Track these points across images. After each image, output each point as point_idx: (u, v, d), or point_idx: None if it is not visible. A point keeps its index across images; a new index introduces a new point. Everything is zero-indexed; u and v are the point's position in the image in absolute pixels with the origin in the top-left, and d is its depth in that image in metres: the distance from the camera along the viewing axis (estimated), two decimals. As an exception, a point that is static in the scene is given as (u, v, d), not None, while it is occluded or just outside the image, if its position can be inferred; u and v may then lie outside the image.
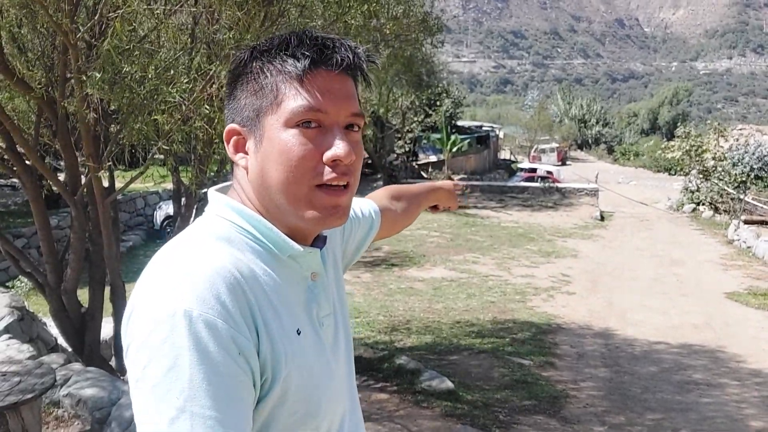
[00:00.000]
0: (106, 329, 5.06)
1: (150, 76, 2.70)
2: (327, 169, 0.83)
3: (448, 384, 5.20)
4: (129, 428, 3.46)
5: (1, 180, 14.99)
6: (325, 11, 3.09)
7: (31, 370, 3.41)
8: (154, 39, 3.38)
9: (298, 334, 0.84)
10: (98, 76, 2.52)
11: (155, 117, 2.74)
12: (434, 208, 1.62)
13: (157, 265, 0.79)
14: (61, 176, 4.65)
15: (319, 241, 0.94)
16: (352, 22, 3.20)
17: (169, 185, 5.29)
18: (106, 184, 4.45)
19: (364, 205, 1.27)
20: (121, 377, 4.89)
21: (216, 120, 3.06)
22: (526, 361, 6.51)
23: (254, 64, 0.85)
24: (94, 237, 4.43)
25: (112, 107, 3.45)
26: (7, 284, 8.21)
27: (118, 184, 5.00)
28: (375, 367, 5.56)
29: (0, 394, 3.13)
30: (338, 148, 0.82)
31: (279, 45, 0.84)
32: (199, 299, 0.72)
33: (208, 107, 2.93)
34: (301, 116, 0.81)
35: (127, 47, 2.72)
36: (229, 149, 0.88)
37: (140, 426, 0.70)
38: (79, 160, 3.84)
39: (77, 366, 4.15)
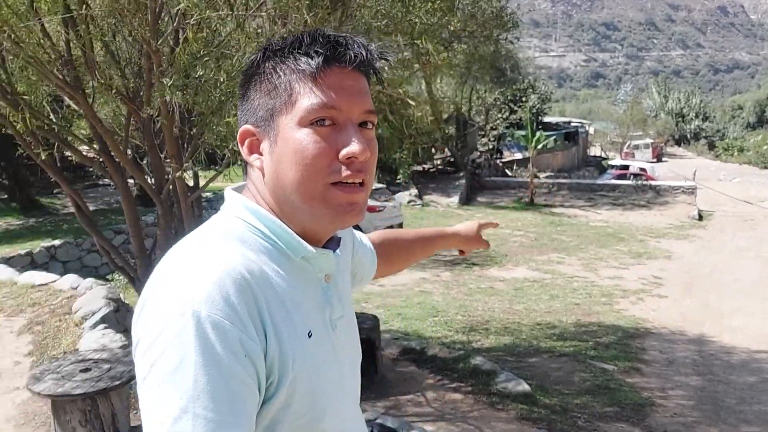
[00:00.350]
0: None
1: (222, 80, 2.81)
2: (342, 166, 0.82)
3: (525, 387, 5.07)
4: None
5: (106, 179, 16.09)
6: (391, 9, 3.08)
7: (120, 359, 3.63)
8: (232, 44, 3.50)
9: (309, 336, 0.83)
10: (169, 81, 2.65)
11: (227, 120, 2.84)
12: (461, 252, 1.53)
13: (170, 263, 0.80)
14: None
15: (332, 243, 0.93)
16: (416, 20, 3.17)
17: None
18: (191, 183, 4.67)
19: (365, 239, 1.25)
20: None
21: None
22: (609, 366, 6.24)
23: (267, 64, 0.85)
24: (179, 234, 4.65)
25: (189, 110, 3.61)
26: (107, 277, 8.80)
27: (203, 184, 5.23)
28: (450, 366, 5.51)
29: (92, 380, 3.35)
30: (353, 145, 0.82)
31: (292, 44, 0.84)
32: (208, 300, 0.73)
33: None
34: (315, 114, 0.81)
35: (200, 53, 2.84)
36: (244, 151, 0.88)
37: (146, 424, 0.71)
38: (164, 160, 4.05)
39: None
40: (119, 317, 5.56)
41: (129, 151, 4.58)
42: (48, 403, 3.33)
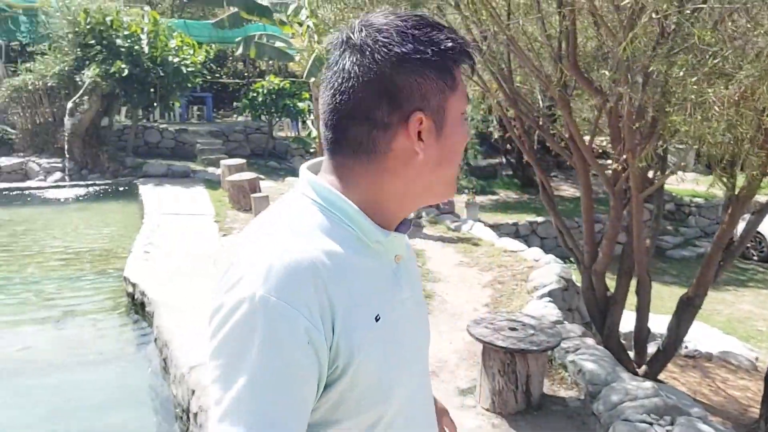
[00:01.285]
0: (630, 320, 5.28)
1: (688, 78, 2.71)
2: None
3: None
4: (613, 411, 3.64)
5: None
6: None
7: (544, 329, 3.98)
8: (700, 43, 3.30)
9: (377, 320, 0.85)
10: (607, 74, 2.71)
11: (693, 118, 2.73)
12: None
13: (250, 243, 0.85)
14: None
15: (402, 226, 0.95)
16: None
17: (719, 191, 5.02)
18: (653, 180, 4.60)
19: None
20: (634, 368, 5.05)
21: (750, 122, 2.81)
22: None
23: (436, 50, 0.86)
24: (630, 228, 4.67)
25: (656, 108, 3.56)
26: (566, 259, 9.37)
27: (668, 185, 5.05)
28: None
29: (515, 338, 3.80)
30: (467, 134, 0.95)
31: (445, 37, 0.88)
32: (279, 287, 0.77)
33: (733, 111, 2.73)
34: (465, 105, 0.92)
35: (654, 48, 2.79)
36: (413, 137, 0.87)
37: (212, 399, 0.77)
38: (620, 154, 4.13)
39: (589, 341, 4.54)
40: (566, 296, 5.95)
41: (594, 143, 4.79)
42: (480, 346, 3.94)
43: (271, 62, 18.53)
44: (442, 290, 5.80)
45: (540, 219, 10.69)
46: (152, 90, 12.18)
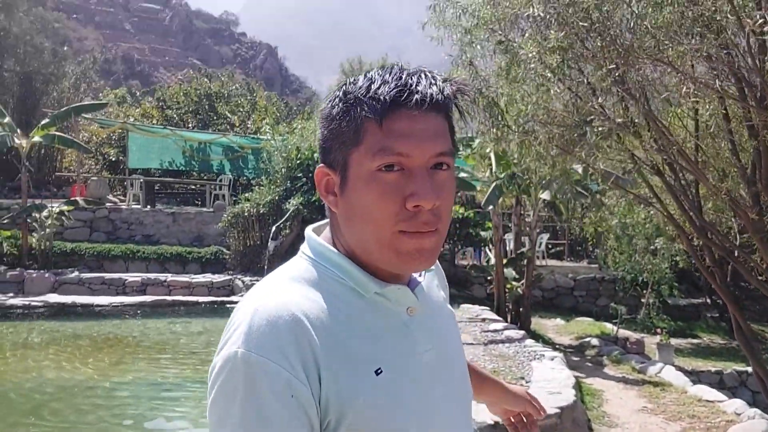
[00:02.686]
0: None
1: None
2: (411, 214, 0.80)
3: None
4: None
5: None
6: None
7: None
8: None
9: (377, 374, 0.82)
10: None
11: None
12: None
13: (240, 304, 0.86)
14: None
15: (412, 281, 0.92)
16: None
17: None
18: None
19: None
20: None
21: None
22: None
23: (341, 105, 0.84)
24: None
25: None
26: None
27: None
28: None
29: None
30: (420, 194, 0.79)
31: (362, 86, 0.83)
32: (259, 343, 0.77)
33: None
34: (382, 160, 0.80)
35: None
36: (320, 189, 0.89)
37: None
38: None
39: None
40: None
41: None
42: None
43: (458, 193, 19.27)
44: (618, 437, 5.16)
45: (749, 369, 9.22)
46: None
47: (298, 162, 13.23)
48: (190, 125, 22.34)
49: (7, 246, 12.69)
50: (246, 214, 13.89)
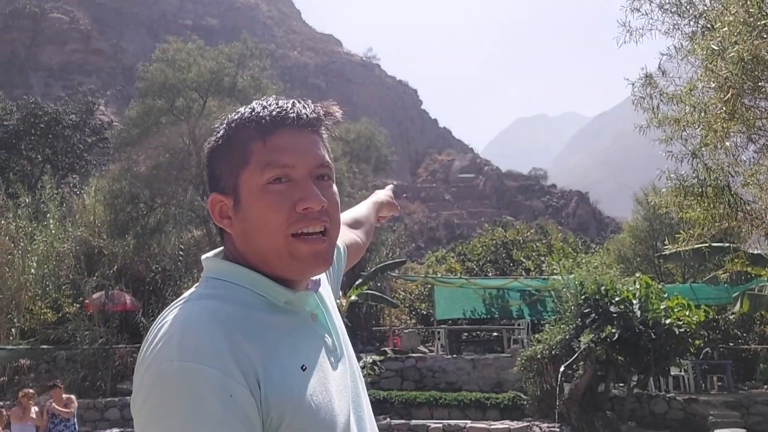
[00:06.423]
0: None
1: None
2: (300, 217, 0.88)
3: None
4: None
5: None
6: None
7: None
8: None
9: (303, 369, 0.88)
10: None
11: None
12: (377, 219, 1.57)
13: (160, 321, 0.87)
14: None
15: (313, 284, 0.99)
16: None
17: None
18: None
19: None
20: None
21: None
22: None
23: (227, 134, 0.94)
24: None
25: None
26: None
27: None
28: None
29: None
30: (307, 198, 0.88)
31: (245, 114, 0.92)
32: (195, 353, 0.80)
33: None
34: (270, 174, 0.88)
35: None
36: (215, 216, 0.94)
37: None
38: None
39: None
40: None
41: None
42: None
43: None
44: None
45: None
46: (646, 355, 11.88)
47: (583, 297, 12.64)
48: (489, 274, 23.26)
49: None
50: (539, 356, 13.49)
